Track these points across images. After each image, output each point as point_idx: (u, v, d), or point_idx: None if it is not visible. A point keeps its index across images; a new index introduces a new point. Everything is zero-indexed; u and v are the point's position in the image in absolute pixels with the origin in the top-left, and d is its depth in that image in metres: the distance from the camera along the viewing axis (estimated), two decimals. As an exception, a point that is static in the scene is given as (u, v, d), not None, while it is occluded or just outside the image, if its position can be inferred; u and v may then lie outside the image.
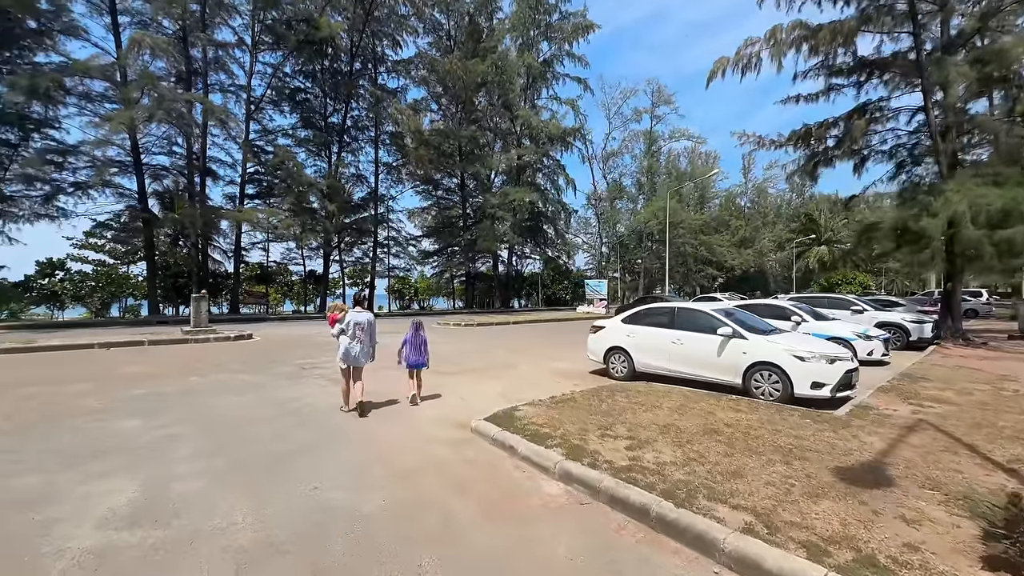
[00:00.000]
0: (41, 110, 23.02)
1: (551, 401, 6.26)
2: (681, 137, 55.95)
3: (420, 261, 37.47)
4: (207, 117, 23.82)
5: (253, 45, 26.79)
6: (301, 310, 34.38)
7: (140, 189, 24.01)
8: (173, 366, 9.60)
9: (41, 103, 22.22)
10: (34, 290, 28.82)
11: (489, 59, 33.06)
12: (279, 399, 6.91)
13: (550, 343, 14.45)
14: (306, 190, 27.00)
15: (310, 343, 13.59)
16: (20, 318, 27.60)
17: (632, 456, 4.15)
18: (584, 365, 9.80)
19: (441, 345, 13.34)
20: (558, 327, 20.80)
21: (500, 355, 11.71)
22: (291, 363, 10.15)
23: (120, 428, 5.43)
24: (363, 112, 32.28)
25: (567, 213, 40.35)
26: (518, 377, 8.80)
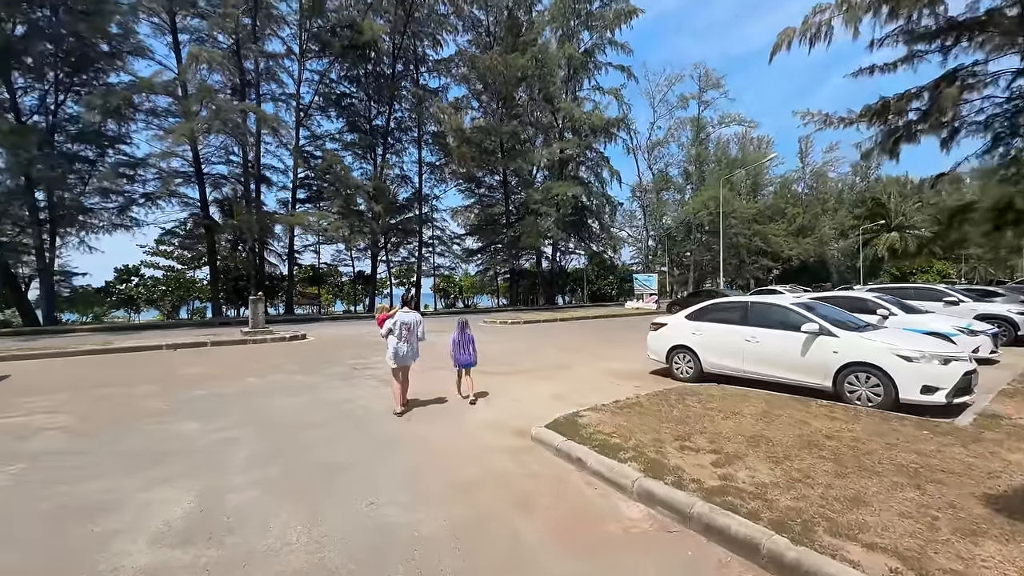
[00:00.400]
0: (115, 127, 24.83)
1: (615, 406, 5.76)
2: (731, 122, 53.18)
3: (464, 259, 37.59)
4: (260, 126, 24.78)
5: (301, 53, 27.65)
6: (351, 310, 35.35)
7: (202, 198, 25.36)
8: (232, 367, 9.83)
9: (114, 120, 23.95)
10: (113, 295, 31.14)
11: (529, 52, 32.55)
12: (332, 401, 6.81)
13: (602, 341, 13.85)
14: (353, 192, 27.60)
15: (360, 343, 13.69)
16: (103, 321, 30.01)
17: (722, 474, 3.61)
18: (642, 364, 9.19)
19: (489, 344, 13.05)
20: (608, 324, 20.09)
21: (552, 354, 11.27)
22: (343, 363, 10.17)
23: (181, 431, 5.44)
24: (406, 113, 32.68)
25: (612, 206, 39.21)
26: (573, 378, 8.33)
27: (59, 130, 23.29)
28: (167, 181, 23.67)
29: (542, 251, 39.94)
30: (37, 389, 7.77)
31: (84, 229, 25.30)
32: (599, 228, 40.16)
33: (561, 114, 36.97)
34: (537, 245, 35.88)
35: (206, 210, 25.51)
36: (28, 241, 23.84)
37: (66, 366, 10.12)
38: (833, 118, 18.12)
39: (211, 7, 24.52)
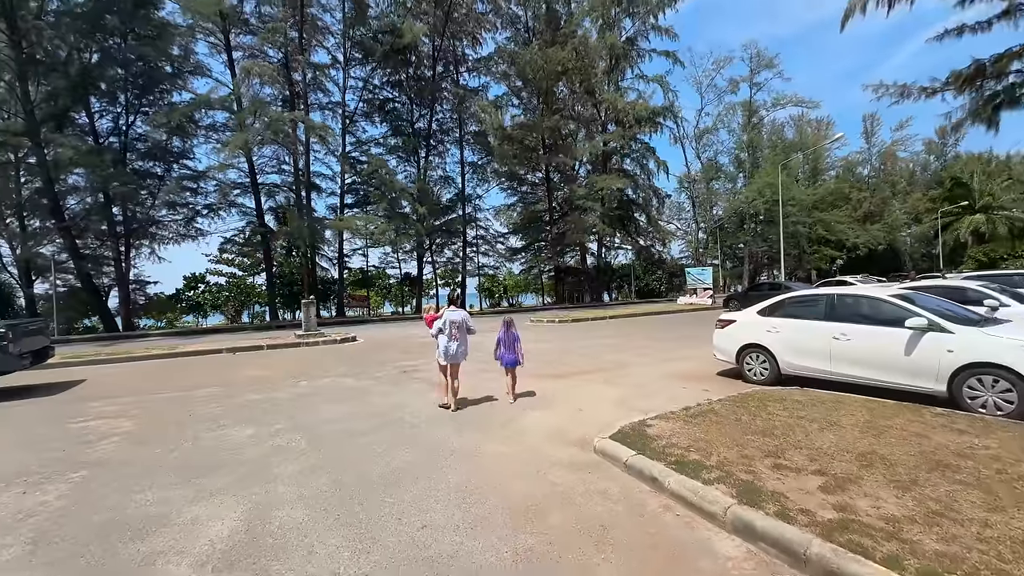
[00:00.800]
0: (180, 143, 26.46)
1: (686, 414, 5.17)
2: (787, 103, 49.79)
3: (508, 258, 37.33)
4: (309, 134, 25.57)
5: (345, 62, 28.33)
6: (399, 311, 35.98)
7: (257, 207, 26.52)
8: (286, 370, 9.95)
9: (178, 137, 25.49)
10: (183, 301, 33.27)
11: (569, 45, 31.79)
12: (381, 407, 6.59)
13: (658, 339, 13.07)
14: (398, 196, 27.98)
15: (407, 344, 13.64)
16: (175, 326, 32.13)
17: (837, 503, 2.99)
18: (706, 365, 8.46)
19: (538, 344, 12.64)
20: (661, 321, 19.14)
21: (606, 354, 10.68)
22: (391, 366, 10.06)
23: (234, 439, 5.37)
24: (447, 114, 32.85)
25: (659, 198, 37.74)
26: (633, 381, 7.74)
27: (130, 149, 25.08)
28: (226, 192, 24.88)
29: (587, 247, 39.06)
30: (107, 393, 8.10)
31: (155, 240, 27.17)
32: (646, 221, 38.75)
33: (604, 106, 35.96)
34: (582, 241, 35.09)
35: (261, 218, 26.65)
36: (107, 253, 25.87)
37: (134, 371, 10.62)
38: (912, 88, 16.39)
39: (261, 23, 25.60)
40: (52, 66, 21.11)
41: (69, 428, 6.06)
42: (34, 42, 20.74)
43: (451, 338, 6.15)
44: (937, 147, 78.47)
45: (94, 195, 23.42)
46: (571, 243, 34.70)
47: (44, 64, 21.04)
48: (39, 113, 20.73)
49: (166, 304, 32.76)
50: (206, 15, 22.60)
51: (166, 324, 31.88)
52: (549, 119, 32.41)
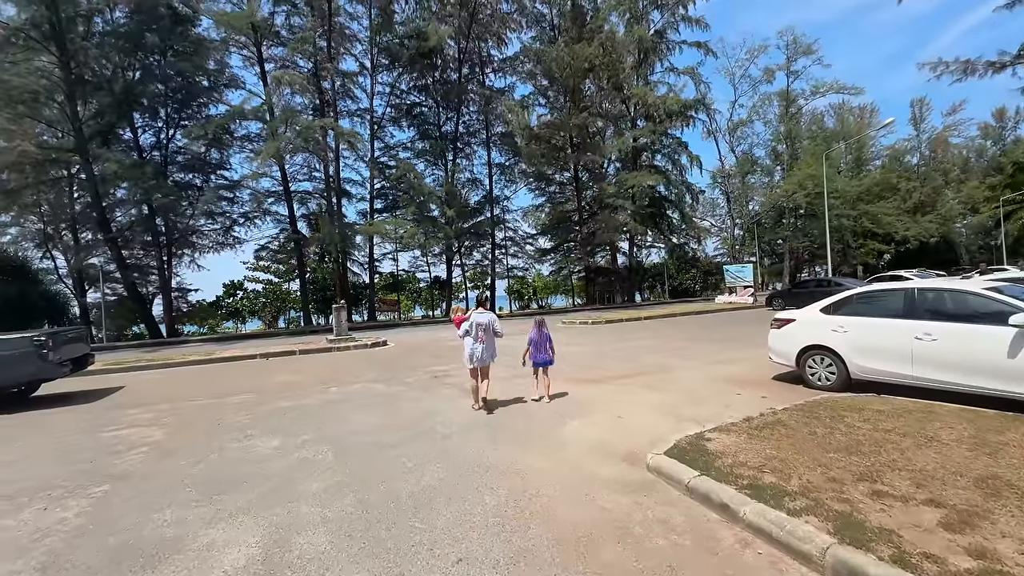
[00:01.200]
0: (217, 155, 27.29)
1: (749, 426, 4.58)
2: (828, 91, 47.27)
3: (538, 259, 36.81)
4: (339, 141, 25.85)
5: (372, 68, 28.61)
6: (429, 314, 36.06)
7: (290, 214, 27.03)
8: (317, 375, 9.81)
9: (215, 148, 26.27)
10: (222, 308, 34.34)
11: (596, 40, 31.13)
12: (412, 415, 6.25)
13: (701, 340, 12.33)
14: (426, 199, 27.96)
15: (438, 348, 13.38)
16: (216, 331, 33.15)
17: (970, 546, 2.40)
18: (759, 367, 7.79)
19: (572, 347, 12.12)
20: (701, 321, 18.25)
21: (646, 357, 10.07)
22: (423, 370, 9.77)
23: (260, 451, 5.12)
24: (474, 116, 32.75)
25: (693, 194, 36.32)
26: (680, 385, 7.14)
27: (171, 162, 26.02)
28: (260, 200, 25.40)
29: (618, 247, 38.15)
30: (143, 401, 8.10)
31: (196, 249, 28.11)
32: (680, 218, 37.46)
33: (633, 101, 35.00)
34: (613, 240, 34.24)
35: (294, 225, 27.13)
36: (152, 263, 26.93)
37: (171, 377, 10.72)
38: (977, 64, 15.08)
39: (291, 34, 26.12)
40: (98, 84, 22.10)
41: (100, 437, 5.98)
42: (81, 62, 21.75)
43: (477, 340, 6.11)
44: (994, 131, 73.44)
45: (138, 207, 24.36)
46: (602, 243, 33.91)
47: (91, 83, 22.06)
48: (87, 130, 21.71)
49: (207, 311, 33.89)
50: (238, 28, 23.20)
51: (208, 330, 32.97)
52: (577, 117, 31.78)
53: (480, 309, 6.35)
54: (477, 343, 6.11)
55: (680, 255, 42.66)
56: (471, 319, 6.18)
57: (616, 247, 37.97)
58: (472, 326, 6.12)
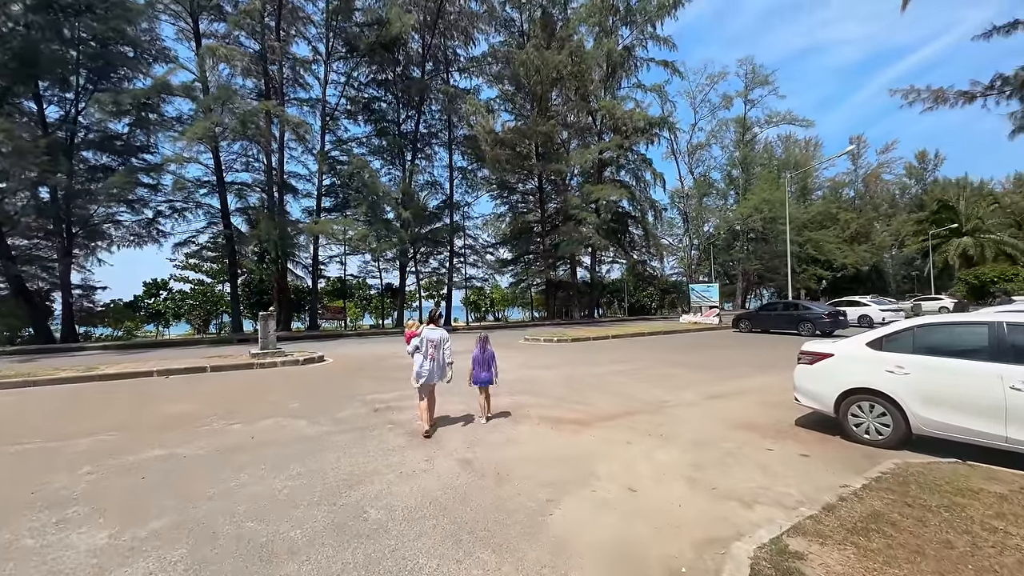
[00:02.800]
0: (144, 138, 23.80)
1: (841, 523, 3.08)
2: (781, 121, 49.32)
3: (498, 270, 35.18)
4: (284, 128, 23.27)
5: (327, 55, 26.27)
6: (379, 324, 33.50)
7: (223, 207, 24.00)
8: (223, 403, 7.63)
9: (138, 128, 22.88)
10: (141, 309, 30.41)
11: (567, 48, 30.38)
12: (336, 480, 4.34)
13: (685, 366, 11.07)
14: (380, 199, 25.74)
15: (385, 367, 11.39)
16: (133, 336, 29.29)
17: None
18: (768, 406, 6.58)
19: (542, 371, 10.52)
20: (672, 342, 17.22)
21: (631, 387, 8.61)
22: (362, 399, 7.82)
23: (66, 559, 3.10)
24: (436, 116, 30.97)
25: (656, 211, 36.12)
26: (688, 433, 5.67)
27: (82, 141, 22.38)
28: (181, 185, 22.17)
29: (580, 260, 37.30)
30: (-54, 443, 5.68)
31: (108, 242, 24.36)
32: (643, 235, 37.14)
33: (600, 114, 34.53)
34: (577, 253, 33.22)
35: (227, 219, 24.11)
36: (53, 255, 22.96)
37: (17, 402, 8.12)
38: (948, 92, 15.04)
39: (234, 9, 23.43)
40: (-12, 39, 18.55)
41: None
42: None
43: (427, 357, 5.76)
44: (917, 171, 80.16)
45: (32, 190, 20.63)
46: (565, 255, 32.81)
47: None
48: (-32, 91, 18.10)
49: (123, 312, 29.80)
50: (168, -9, 20.36)
51: (124, 334, 29.05)
52: (544, 124, 30.74)
53: (432, 325, 6.01)
54: (427, 360, 5.75)
55: (638, 273, 42.46)
56: (422, 335, 5.84)
57: (577, 261, 37.10)
58: (423, 342, 5.78)
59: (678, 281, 50.24)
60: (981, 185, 73.08)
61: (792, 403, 5.94)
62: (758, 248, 50.88)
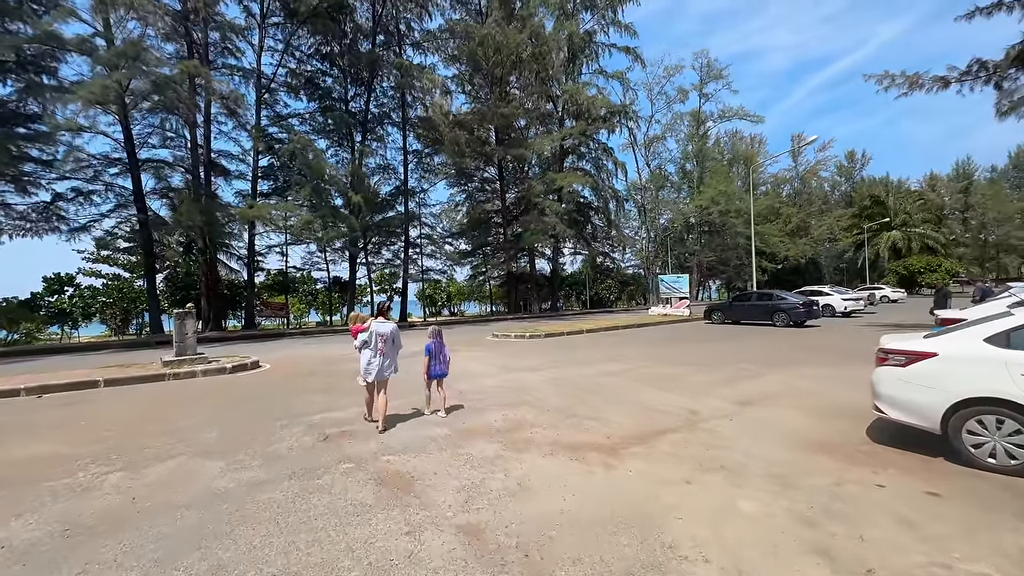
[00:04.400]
0: (38, 107, 19.79)
1: None
2: (733, 116, 50.11)
3: (458, 261, 33.15)
4: (210, 98, 20.19)
5: (262, 16, 23.19)
6: (326, 321, 30.72)
7: (136, 187, 20.56)
8: (108, 436, 5.51)
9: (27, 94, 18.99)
10: (41, 308, 26.11)
11: (528, 27, 28.78)
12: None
13: (684, 364, 9.88)
14: (326, 183, 23.12)
15: (335, 373, 9.43)
16: (36, 338, 25.19)
17: None
18: (818, 413, 5.34)
19: (526, 374, 8.97)
20: (649, 336, 16.20)
21: (638, 392, 7.23)
22: (306, 419, 5.96)
23: None
24: (388, 94, 28.48)
25: (618, 201, 35.33)
26: (752, 459, 4.31)
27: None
28: (74, 156, 18.71)
29: (537, 252, 36.01)
30: None
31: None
32: (606, 225, 36.37)
33: (561, 100, 33.27)
34: (537, 244, 31.86)
35: (142, 202, 20.70)
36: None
37: None
38: (924, 78, 14.78)
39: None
40: None
41: None
42: None
43: (377, 352, 5.53)
44: (847, 169, 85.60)
45: None
46: (528, 245, 31.37)
47: None
48: None
49: (17, 312, 25.36)
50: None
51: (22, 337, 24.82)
52: (504, 106, 29.03)
53: (381, 318, 5.75)
54: (377, 355, 5.52)
55: (597, 265, 41.87)
56: (370, 328, 5.60)
57: (536, 253, 35.85)
58: (371, 336, 5.54)
59: (636, 273, 50.33)
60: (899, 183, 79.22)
61: (844, 410, 4.77)
62: (711, 240, 51.94)
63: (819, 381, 7.75)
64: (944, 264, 49.59)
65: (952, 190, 78.07)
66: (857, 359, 9.38)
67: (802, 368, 9.01)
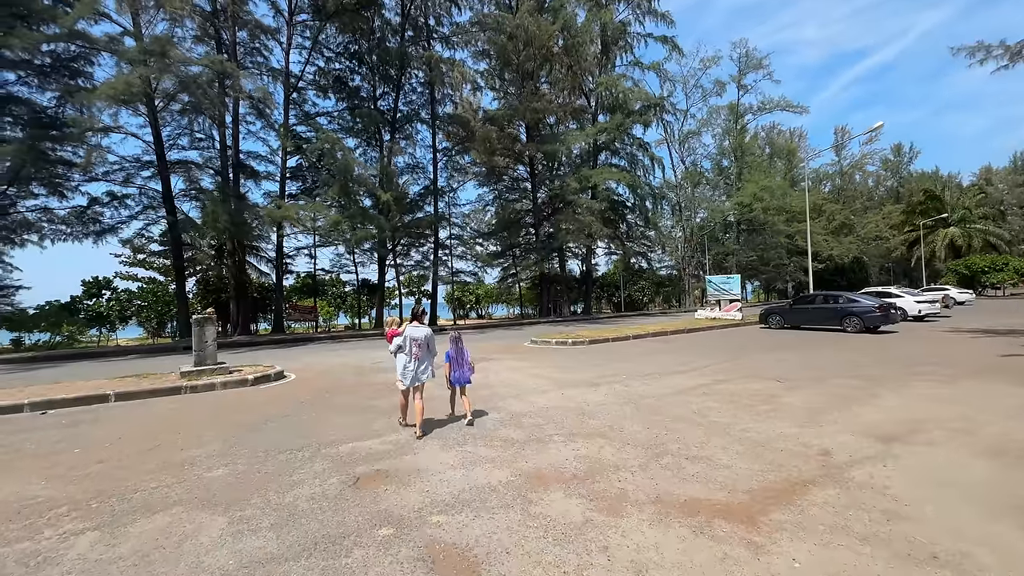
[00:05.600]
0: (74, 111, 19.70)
1: None
2: (774, 108, 47.40)
3: (489, 262, 32.03)
4: (238, 95, 19.71)
5: (290, 14, 22.70)
6: (354, 324, 30.16)
7: (165, 190, 20.27)
8: (94, 475, 4.54)
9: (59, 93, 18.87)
10: (80, 311, 26.53)
11: (561, 16, 27.53)
12: None
13: (767, 376, 8.41)
14: (355, 182, 22.37)
15: (367, 387, 8.38)
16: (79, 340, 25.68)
17: None
18: (994, 450, 3.89)
19: (586, 392, 7.67)
20: (710, 342, 14.66)
21: (738, 419, 5.83)
22: (332, 452, 4.85)
23: None
24: (417, 91, 27.67)
25: (656, 198, 33.49)
26: (965, 545, 2.94)
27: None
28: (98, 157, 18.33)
29: (571, 252, 34.58)
30: None
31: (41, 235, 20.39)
32: (643, 224, 34.65)
33: (595, 95, 31.92)
34: (576, 243, 30.42)
35: (171, 204, 20.41)
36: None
37: None
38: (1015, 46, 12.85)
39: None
40: None
41: None
42: None
43: (412, 357, 5.45)
44: (893, 164, 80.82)
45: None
46: (561, 245, 30.02)
47: None
48: None
49: (59, 314, 25.80)
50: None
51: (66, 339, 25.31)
52: (537, 100, 27.84)
53: (415, 323, 5.65)
54: (412, 360, 5.45)
55: (629, 266, 40.09)
56: (405, 333, 5.49)
57: (569, 253, 34.44)
58: (406, 341, 5.46)
59: (671, 274, 48.24)
60: (949, 178, 74.21)
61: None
62: (750, 239, 49.31)
63: (957, 405, 6.22)
64: (1012, 263, 45.49)
65: (1012, 184, 72.61)
66: (979, 374, 7.76)
67: (918, 386, 7.43)
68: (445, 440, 5.22)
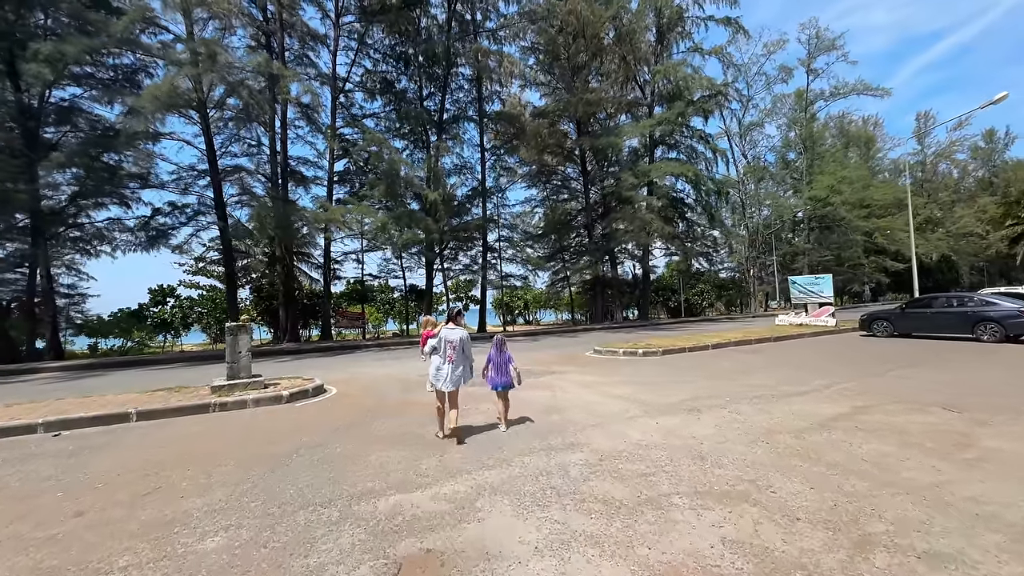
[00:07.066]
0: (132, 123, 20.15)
1: None
2: (850, 92, 42.91)
3: (541, 265, 30.49)
4: (285, 98, 19.38)
5: (336, 16, 22.38)
6: (403, 331, 29.55)
7: (217, 197, 20.26)
8: (67, 532, 3.42)
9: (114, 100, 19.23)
10: (147, 318, 27.73)
11: (615, 2, 25.79)
12: None
13: (924, 401, 6.38)
14: (403, 184, 21.62)
15: (410, 408, 7.05)
16: (149, 345, 26.34)
17: None
18: None
19: (689, 421, 5.93)
20: (807, 351, 12.42)
21: (937, 469, 3.99)
22: (365, 513, 3.46)
23: None
24: (464, 88, 26.77)
25: (721, 194, 30.76)
26: None
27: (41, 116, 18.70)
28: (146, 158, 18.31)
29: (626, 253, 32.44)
30: None
31: (114, 246, 21.02)
32: (706, 222, 32.00)
33: (650, 86, 29.82)
34: (637, 241, 28.35)
35: (222, 210, 20.39)
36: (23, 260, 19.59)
37: None
38: None
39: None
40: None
41: None
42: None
43: (447, 360, 5.26)
44: (984, 152, 72.17)
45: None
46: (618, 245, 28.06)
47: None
48: None
49: (128, 321, 27.01)
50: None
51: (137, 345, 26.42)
52: (589, 92, 26.16)
53: (451, 324, 5.42)
54: (446, 363, 5.26)
55: (685, 268, 37.30)
56: (440, 335, 5.32)
57: (625, 254, 32.32)
58: (441, 343, 5.29)
59: (733, 276, 44.81)
60: (1061, 166, 65.09)
61: None
62: (824, 237, 44.97)
63: None
64: None
65: None
66: None
67: None
68: (519, 495, 3.75)
